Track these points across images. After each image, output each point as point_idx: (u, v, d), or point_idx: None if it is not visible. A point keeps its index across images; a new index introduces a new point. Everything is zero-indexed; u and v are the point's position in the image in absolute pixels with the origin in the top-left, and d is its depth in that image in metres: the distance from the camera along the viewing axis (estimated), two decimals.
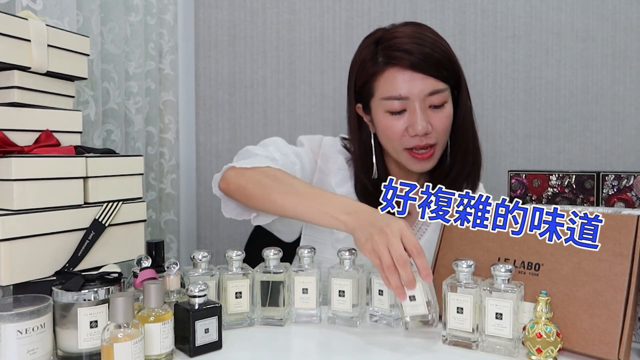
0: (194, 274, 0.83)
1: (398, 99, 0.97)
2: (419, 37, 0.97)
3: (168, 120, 1.60)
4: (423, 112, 0.96)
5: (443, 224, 0.94)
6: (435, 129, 0.98)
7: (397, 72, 0.96)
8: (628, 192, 1.08)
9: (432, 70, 0.95)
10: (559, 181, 1.15)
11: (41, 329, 0.66)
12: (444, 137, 1.01)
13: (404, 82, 0.96)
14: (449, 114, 1.00)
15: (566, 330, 0.72)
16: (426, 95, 0.96)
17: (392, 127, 0.99)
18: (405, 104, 0.97)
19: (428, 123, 0.97)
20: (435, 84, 0.96)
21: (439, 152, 1.02)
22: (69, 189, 0.80)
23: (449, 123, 1.00)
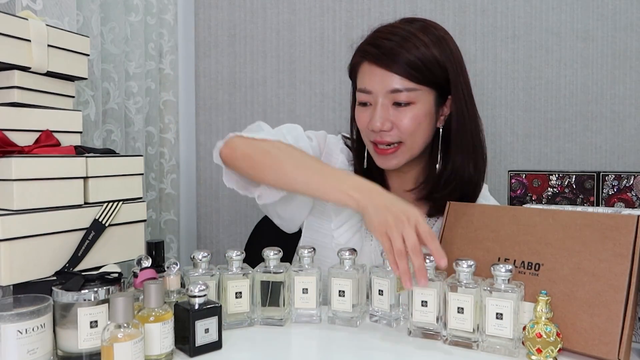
0: (194, 274, 0.83)
1: (364, 92, 0.97)
2: (395, 33, 0.95)
3: (168, 120, 1.60)
4: (384, 109, 0.95)
5: (443, 225, 0.94)
6: (398, 128, 0.95)
7: (368, 66, 0.97)
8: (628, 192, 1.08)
9: (397, 67, 0.93)
10: (559, 181, 1.15)
11: (41, 329, 0.66)
12: (411, 138, 0.96)
13: (369, 76, 0.96)
14: (415, 115, 0.95)
15: (566, 330, 0.72)
16: (388, 92, 0.94)
17: (359, 118, 1.00)
18: (370, 98, 0.97)
19: (387, 120, 0.95)
20: (401, 82, 0.93)
21: (407, 152, 0.98)
22: (69, 189, 0.80)
23: (416, 124, 0.95)
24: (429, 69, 0.94)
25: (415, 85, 0.94)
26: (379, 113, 0.94)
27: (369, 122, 0.96)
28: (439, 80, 0.96)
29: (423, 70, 0.93)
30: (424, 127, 0.97)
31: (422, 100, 0.95)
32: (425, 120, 0.97)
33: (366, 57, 0.97)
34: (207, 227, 1.79)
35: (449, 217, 0.94)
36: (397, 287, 0.83)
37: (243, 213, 1.76)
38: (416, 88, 0.94)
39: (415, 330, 0.79)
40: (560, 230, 0.78)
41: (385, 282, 0.83)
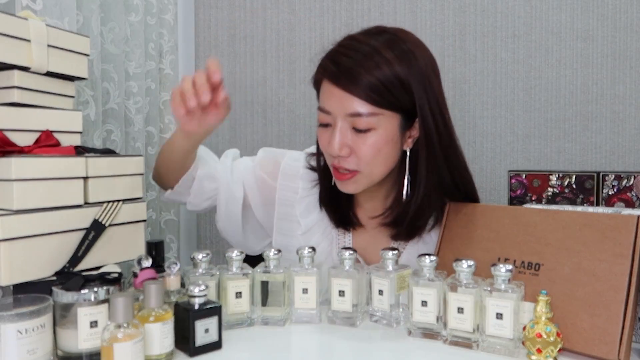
0: (194, 274, 0.83)
1: (323, 111, 0.91)
2: (357, 49, 0.87)
3: (168, 120, 1.60)
4: (342, 133, 0.88)
5: (443, 225, 0.94)
6: (356, 155, 0.89)
7: (326, 84, 0.90)
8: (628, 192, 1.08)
9: (357, 90, 0.85)
10: (559, 181, 1.15)
11: (41, 329, 0.66)
12: (367, 167, 0.90)
13: (328, 95, 0.89)
14: (375, 142, 0.87)
15: (566, 330, 0.72)
16: (347, 115, 0.87)
17: (320, 138, 0.94)
18: (329, 119, 0.90)
19: (345, 145, 0.88)
20: (360, 105, 0.85)
21: (365, 180, 0.92)
22: (69, 189, 0.80)
23: (375, 151, 0.88)
24: (391, 92, 0.85)
25: (376, 109, 0.86)
26: (337, 137, 0.88)
27: (327, 145, 0.91)
28: (403, 104, 0.88)
29: (385, 93, 0.85)
30: (384, 154, 0.90)
31: (384, 125, 0.88)
32: (386, 147, 0.89)
33: (325, 75, 0.90)
34: (207, 227, 1.79)
35: (449, 217, 0.94)
36: (397, 287, 0.83)
37: None
38: (377, 112, 0.86)
39: (415, 330, 0.79)
40: (560, 230, 0.78)
41: (385, 282, 0.83)
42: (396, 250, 0.84)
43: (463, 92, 1.61)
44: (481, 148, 1.61)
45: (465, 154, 1.63)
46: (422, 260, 0.79)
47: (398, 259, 0.84)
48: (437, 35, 1.61)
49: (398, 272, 0.83)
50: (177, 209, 1.65)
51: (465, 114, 1.61)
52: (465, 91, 1.61)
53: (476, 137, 1.61)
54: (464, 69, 1.60)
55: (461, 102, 1.61)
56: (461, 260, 0.76)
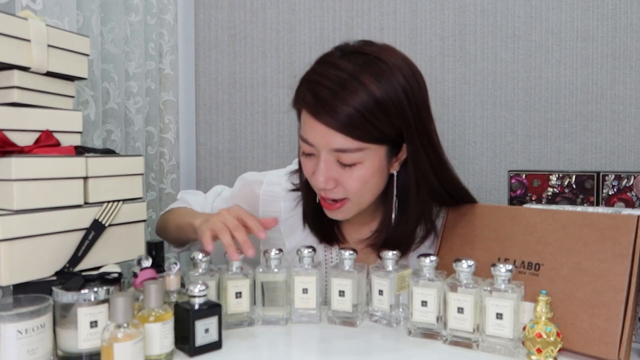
0: (194, 274, 0.83)
1: (306, 142, 0.86)
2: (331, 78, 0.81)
3: (168, 120, 1.60)
4: (327, 165, 0.84)
5: (443, 225, 0.94)
6: (344, 186, 0.86)
7: (306, 115, 0.85)
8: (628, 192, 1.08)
9: (337, 124, 0.80)
10: (559, 181, 1.15)
11: (41, 329, 0.66)
12: (356, 196, 0.88)
13: (310, 128, 0.84)
14: (362, 176, 0.85)
15: (566, 330, 0.72)
16: (331, 150, 0.83)
17: (304, 167, 0.91)
18: (313, 150, 0.86)
19: (330, 179, 0.85)
20: (343, 141, 0.81)
21: (354, 207, 0.90)
22: (69, 189, 0.80)
23: (363, 183, 0.86)
24: (373, 124, 0.81)
25: (361, 144, 0.82)
26: (321, 170, 0.84)
27: (312, 176, 0.88)
28: (388, 134, 0.83)
29: (367, 126, 0.80)
30: (372, 183, 0.87)
31: (370, 158, 0.84)
32: (373, 178, 0.87)
33: (304, 106, 0.86)
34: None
35: (449, 217, 0.94)
36: (397, 287, 0.83)
37: None
38: (363, 147, 0.82)
39: (415, 330, 0.79)
40: (560, 230, 0.78)
41: (385, 282, 0.83)
42: (396, 250, 0.84)
43: (463, 92, 1.61)
44: (481, 148, 1.61)
45: (465, 154, 1.64)
46: (422, 260, 0.79)
47: (396, 258, 0.84)
48: (437, 35, 1.61)
49: (398, 272, 0.83)
50: None
51: (465, 114, 1.61)
52: (465, 91, 1.61)
53: (476, 137, 1.61)
54: (464, 69, 1.60)
55: (461, 102, 1.61)
56: (461, 260, 0.76)
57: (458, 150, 1.62)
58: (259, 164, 1.74)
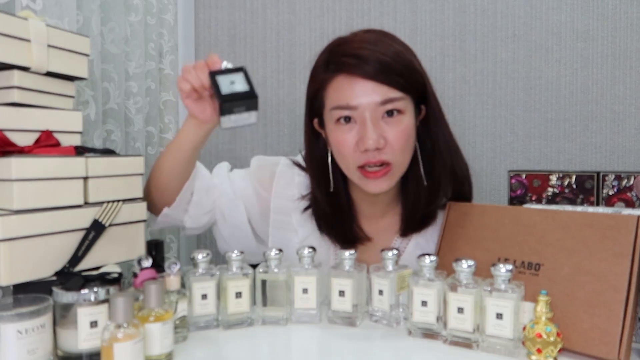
0: (194, 274, 0.83)
1: (346, 108, 0.88)
2: (372, 42, 0.88)
3: (168, 120, 1.60)
4: (375, 124, 0.87)
5: (443, 225, 0.94)
6: (390, 144, 0.88)
7: (346, 79, 0.88)
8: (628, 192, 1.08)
9: (384, 76, 0.85)
10: (559, 181, 1.15)
11: (41, 329, 0.66)
12: (401, 156, 0.90)
13: (353, 90, 0.87)
14: (405, 128, 0.89)
15: (566, 330, 0.72)
16: (377, 105, 0.87)
17: (343, 141, 0.90)
18: (355, 114, 0.88)
19: (380, 137, 0.87)
20: (388, 91, 0.86)
21: (397, 173, 0.92)
22: (69, 189, 0.80)
23: (406, 139, 0.89)
24: (411, 74, 0.89)
25: (401, 94, 0.88)
26: (371, 129, 0.86)
27: (359, 141, 0.88)
28: (417, 88, 0.91)
29: (406, 75, 0.88)
30: (411, 141, 0.92)
31: (409, 110, 0.90)
32: (412, 134, 0.91)
33: (342, 70, 0.88)
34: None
35: (449, 217, 0.94)
36: (397, 287, 0.83)
37: None
38: (402, 97, 0.88)
39: (415, 330, 0.79)
40: (560, 230, 0.78)
41: (385, 282, 0.83)
42: (396, 250, 0.84)
43: (463, 92, 1.61)
44: (481, 148, 1.61)
45: (465, 154, 1.63)
46: (422, 260, 0.79)
47: (399, 258, 0.84)
48: (437, 35, 1.61)
49: (398, 272, 0.83)
50: None
51: (465, 114, 1.61)
52: (465, 91, 1.61)
53: (476, 137, 1.61)
54: (464, 69, 1.60)
55: (461, 102, 1.61)
56: (461, 260, 0.76)
57: None
58: None
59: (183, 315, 0.79)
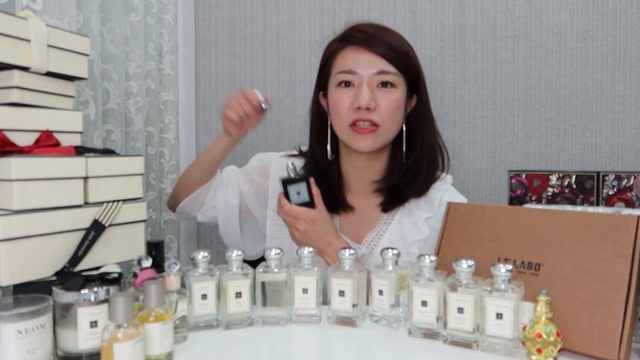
0: (194, 274, 0.83)
1: (348, 73, 1.02)
2: (381, 27, 1.05)
3: (168, 120, 1.60)
4: (370, 89, 1.01)
5: (443, 225, 0.94)
6: (380, 108, 1.01)
7: (354, 50, 1.03)
8: (628, 192, 1.08)
9: (385, 51, 1.01)
10: (559, 181, 1.15)
11: (41, 329, 0.66)
12: (388, 121, 1.03)
13: (356, 57, 1.02)
14: (396, 98, 1.02)
15: (566, 330, 0.72)
16: (375, 74, 1.01)
17: (341, 100, 1.03)
18: (355, 79, 1.02)
19: (372, 99, 1.01)
20: (386, 65, 1.01)
21: (382, 136, 1.04)
22: (69, 189, 0.80)
23: (395, 108, 1.02)
24: (407, 58, 1.04)
25: (396, 71, 1.02)
26: (365, 91, 1.00)
27: (354, 100, 1.01)
28: (411, 72, 1.05)
29: (403, 57, 1.03)
30: (399, 114, 1.04)
31: (400, 87, 1.04)
32: (401, 107, 1.04)
33: (352, 42, 1.04)
34: (207, 227, 1.79)
35: (449, 217, 0.94)
36: (397, 287, 0.83)
37: None
38: (397, 74, 1.02)
39: (415, 330, 0.79)
40: (560, 230, 0.78)
41: (385, 282, 0.83)
42: (396, 250, 0.84)
43: (463, 92, 1.61)
44: (481, 148, 1.61)
45: (465, 154, 1.64)
46: (422, 260, 0.79)
47: (395, 258, 0.84)
48: (437, 35, 1.61)
49: (398, 272, 0.83)
50: None
51: (465, 114, 1.61)
52: (465, 91, 1.61)
53: (476, 137, 1.61)
54: (464, 69, 1.60)
55: (461, 102, 1.61)
56: (461, 260, 0.76)
57: (458, 150, 1.62)
58: None
59: (183, 315, 0.79)
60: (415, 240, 1.07)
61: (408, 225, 1.09)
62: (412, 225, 1.08)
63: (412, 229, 1.08)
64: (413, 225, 1.08)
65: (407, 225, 1.09)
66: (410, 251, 1.06)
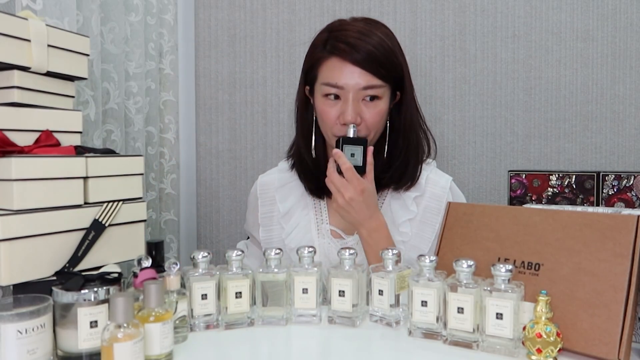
0: (194, 274, 0.83)
1: (334, 87, 1.02)
2: (365, 34, 1.02)
3: (168, 120, 1.60)
4: (355, 104, 1.01)
5: (443, 225, 0.94)
6: (366, 122, 1.02)
7: (339, 62, 1.01)
8: (628, 192, 1.08)
9: (370, 67, 1.00)
10: (559, 181, 1.15)
11: (41, 329, 0.66)
12: (373, 131, 1.04)
13: (343, 73, 1.01)
14: (380, 110, 1.03)
15: (566, 330, 0.72)
16: (361, 89, 1.00)
17: (327, 113, 1.04)
18: (341, 93, 1.02)
19: (357, 115, 1.01)
20: (372, 79, 1.00)
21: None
22: (69, 189, 0.80)
23: (380, 119, 1.03)
24: (394, 69, 1.03)
25: (382, 83, 1.01)
26: (351, 107, 1.00)
27: (340, 116, 1.02)
28: (396, 76, 1.04)
29: (387, 66, 1.01)
30: (383, 122, 1.06)
31: (386, 95, 1.04)
32: (385, 116, 1.05)
33: (336, 53, 1.01)
34: (207, 227, 1.79)
35: (449, 217, 0.94)
36: (397, 287, 0.83)
37: (243, 213, 1.76)
38: (382, 85, 1.02)
39: (415, 330, 0.79)
40: (560, 230, 0.78)
41: (385, 282, 0.83)
42: (396, 250, 0.84)
43: (463, 92, 1.61)
44: (481, 148, 1.61)
45: (465, 154, 1.63)
46: (422, 260, 0.79)
47: (395, 258, 0.84)
48: (437, 35, 1.61)
49: (398, 272, 0.83)
50: (177, 209, 1.65)
51: (465, 114, 1.61)
52: (465, 91, 1.61)
53: (476, 137, 1.61)
54: (464, 69, 1.60)
55: (461, 102, 1.61)
56: (461, 260, 0.76)
57: (458, 150, 1.62)
58: (259, 164, 1.74)
59: (183, 315, 0.79)
60: (405, 220, 1.08)
61: (397, 207, 1.10)
62: (400, 206, 1.10)
63: (401, 210, 1.09)
64: (402, 206, 1.09)
65: (395, 207, 1.10)
66: (401, 231, 1.08)
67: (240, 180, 1.76)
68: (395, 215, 1.09)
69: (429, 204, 1.09)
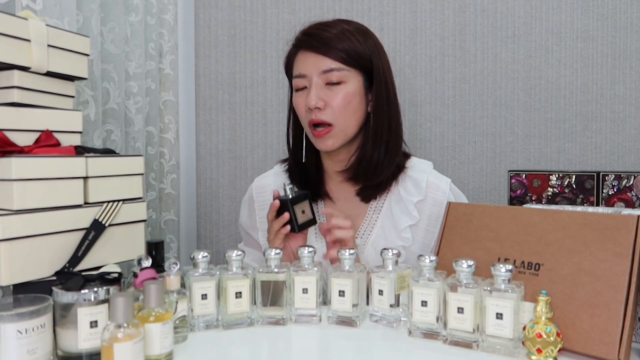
0: (194, 274, 0.83)
1: (299, 77, 1.05)
2: (328, 25, 1.06)
3: (168, 120, 1.60)
4: (317, 88, 1.03)
5: (443, 225, 0.94)
6: (330, 106, 1.02)
7: (302, 54, 1.06)
8: (628, 192, 1.08)
9: (328, 50, 1.02)
10: (559, 181, 1.15)
11: (41, 329, 0.66)
12: (341, 118, 1.03)
13: (304, 61, 1.05)
14: (345, 94, 1.03)
15: (566, 330, 0.72)
16: (321, 73, 1.03)
17: (297, 103, 1.07)
18: (305, 82, 1.05)
19: (320, 99, 1.02)
20: (332, 63, 1.02)
21: (340, 134, 1.05)
22: (69, 189, 0.80)
23: (346, 104, 1.03)
24: (353, 49, 1.03)
25: (344, 66, 1.03)
26: (313, 92, 1.02)
27: (305, 101, 1.04)
28: (365, 63, 1.04)
29: (350, 52, 1.03)
30: (353, 106, 1.04)
31: (352, 80, 1.04)
32: (354, 100, 1.04)
33: (300, 46, 1.07)
34: (207, 227, 1.79)
35: (449, 217, 0.94)
36: (397, 287, 0.83)
37: None
38: (345, 68, 1.03)
39: (415, 330, 0.79)
40: (560, 230, 0.78)
41: (385, 282, 0.83)
42: (396, 250, 0.84)
43: (463, 92, 1.61)
44: (481, 148, 1.61)
45: (465, 154, 1.63)
46: (422, 260, 0.79)
47: (395, 258, 0.84)
48: (437, 35, 1.61)
49: (398, 272, 0.83)
50: (177, 209, 1.65)
51: (465, 114, 1.61)
52: (465, 91, 1.61)
53: (476, 137, 1.61)
54: (464, 69, 1.60)
55: (461, 102, 1.61)
56: (461, 260, 0.76)
57: (458, 150, 1.62)
58: (259, 164, 1.74)
59: (183, 315, 0.79)
60: (407, 226, 1.08)
61: (398, 212, 1.10)
62: (402, 211, 1.09)
63: (403, 214, 1.09)
64: (403, 210, 1.09)
65: (397, 211, 1.10)
66: (403, 237, 1.07)
67: (240, 180, 1.76)
68: (397, 220, 1.09)
69: (432, 210, 1.08)
